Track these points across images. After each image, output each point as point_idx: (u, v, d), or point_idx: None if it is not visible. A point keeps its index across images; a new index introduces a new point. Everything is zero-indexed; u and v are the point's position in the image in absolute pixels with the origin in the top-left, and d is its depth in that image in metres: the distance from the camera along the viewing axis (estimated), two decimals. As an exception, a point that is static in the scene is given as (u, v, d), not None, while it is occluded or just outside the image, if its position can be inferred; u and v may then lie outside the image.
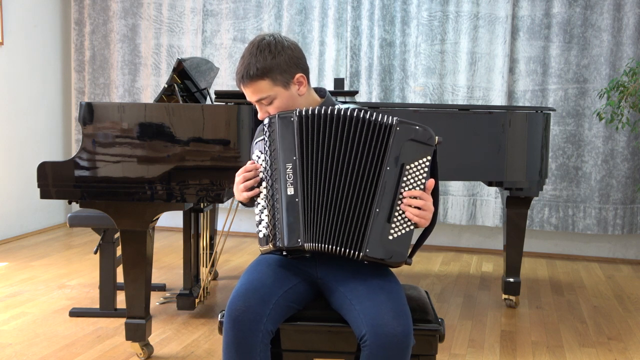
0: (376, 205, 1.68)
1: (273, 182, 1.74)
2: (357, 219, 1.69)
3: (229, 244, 4.88)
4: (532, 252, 4.79)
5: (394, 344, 1.58)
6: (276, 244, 1.72)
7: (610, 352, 2.90)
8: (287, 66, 1.81)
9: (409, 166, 1.69)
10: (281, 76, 1.80)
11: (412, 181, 1.69)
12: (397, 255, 1.68)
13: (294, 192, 1.71)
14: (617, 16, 4.42)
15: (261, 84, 1.79)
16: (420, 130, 1.70)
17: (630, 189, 4.49)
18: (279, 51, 1.80)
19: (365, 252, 1.67)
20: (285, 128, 1.75)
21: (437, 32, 4.70)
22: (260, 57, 1.78)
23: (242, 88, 1.84)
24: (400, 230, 1.68)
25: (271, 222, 1.73)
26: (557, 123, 4.55)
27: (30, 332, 2.99)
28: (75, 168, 2.54)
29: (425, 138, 1.70)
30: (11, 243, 4.80)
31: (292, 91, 1.83)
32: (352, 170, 1.71)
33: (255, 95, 1.82)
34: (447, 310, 3.44)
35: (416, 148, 1.69)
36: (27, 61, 5.05)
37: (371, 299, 1.66)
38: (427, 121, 2.99)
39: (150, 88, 5.29)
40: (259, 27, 5.04)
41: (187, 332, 3.02)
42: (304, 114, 1.75)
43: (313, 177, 1.72)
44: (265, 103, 1.83)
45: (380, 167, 1.70)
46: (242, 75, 1.81)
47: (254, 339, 1.63)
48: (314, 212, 1.71)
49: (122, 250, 2.61)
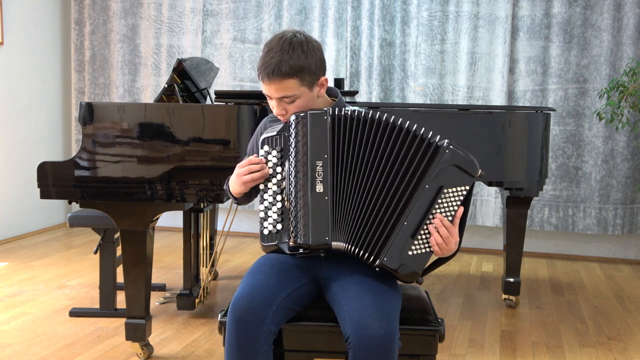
0: (404, 218, 1.68)
1: (300, 179, 1.70)
2: (384, 227, 1.69)
3: (229, 244, 4.88)
4: (532, 252, 4.78)
5: (375, 347, 1.57)
6: (297, 240, 1.68)
7: (610, 352, 2.90)
8: (316, 68, 1.77)
9: (446, 190, 1.69)
10: (309, 77, 1.76)
11: (445, 206, 1.69)
12: (411, 273, 1.69)
13: (323, 189, 1.69)
14: (617, 16, 4.42)
15: (289, 83, 1.73)
16: (468, 159, 1.70)
17: (630, 189, 4.49)
18: (310, 51, 1.75)
19: (383, 260, 1.67)
20: (316, 126, 1.71)
21: (437, 32, 4.70)
22: (294, 55, 1.72)
23: (265, 83, 1.76)
24: (421, 249, 1.69)
25: (290, 218, 1.70)
26: (557, 123, 4.55)
27: (30, 332, 2.99)
28: (75, 168, 2.54)
29: (469, 168, 1.70)
30: (11, 243, 4.80)
31: (314, 92, 1.80)
32: (388, 178, 1.69)
33: (280, 92, 1.75)
34: (447, 310, 3.44)
35: (458, 175, 1.69)
36: (27, 61, 5.04)
37: (357, 300, 1.65)
38: (427, 121, 2.99)
39: (150, 88, 5.29)
40: (259, 27, 5.03)
41: (187, 332, 3.02)
42: (337, 114, 1.72)
43: (345, 177, 1.71)
44: (288, 101, 1.77)
45: (419, 182, 1.69)
46: (271, 71, 1.72)
47: (257, 340, 1.63)
48: (342, 211, 1.70)
49: (122, 250, 2.61)
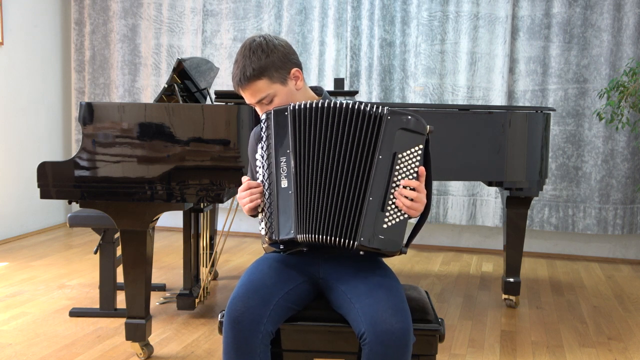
0: (369, 194, 1.68)
1: (268, 175, 1.75)
2: (351, 209, 1.69)
3: (229, 244, 4.88)
4: (532, 252, 4.78)
5: (393, 341, 1.58)
6: (272, 237, 1.73)
7: (610, 352, 2.90)
8: (281, 62, 1.82)
9: (400, 155, 1.69)
10: (277, 73, 1.81)
11: (404, 170, 1.69)
12: (391, 244, 1.68)
13: (287, 184, 1.73)
14: (617, 16, 4.42)
15: (259, 84, 1.80)
16: (411, 119, 1.71)
17: (630, 189, 4.49)
18: (271, 49, 1.81)
19: (360, 240, 1.67)
20: (279, 122, 1.76)
21: (437, 32, 4.70)
22: (255, 58, 1.79)
23: (240, 92, 1.85)
24: (395, 219, 1.68)
25: (267, 216, 1.75)
26: (557, 123, 4.55)
27: (30, 332, 2.99)
28: (75, 168, 2.54)
29: (416, 127, 1.71)
30: (11, 243, 4.80)
31: (290, 86, 1.84)
32: (344, 161, 1.71)
33: (255, 96, 1.82)
34: (447, 310, 3.44)
35: (408, 137, 1.70)
36: (27, 61, 5.05)
37: (370, 297, 1.66)
38: (427, 121, 2.98)
39: (150, 88, 5.29)
40: (259, 27, 5.03)
41: (187, 332, 3.02)
42: (297, 107, 1.75)
43: (306, 169, 1.73)
44: (266, 102, 1.83)
45: (372, 156, 1.70)
46: (239, 79, 1.81)
47: (254, 340, 1.63)
48: (307, 203, 1.71)
49: (122, 250, 2.61)
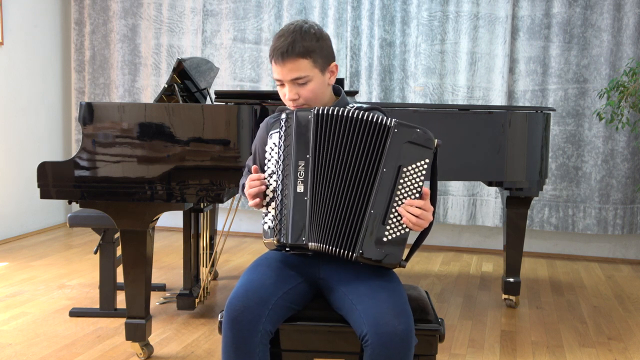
0: (371, 206, 1.68)
1: (284, 176, 1.73)
2: (352, 220, 1.69)
3: (229, 244, 4.88)
4: (532, 252, 4.78)
5: (395, 342, 1.58)
6: (280, 239, 1.71)
7: (610, 352, 2.90)
8: (327, 52, 1.83)
9: (406, 168, 1.68)
10: (322, 60, 1.81)
11: (409, 184, 1.68)
12: (390, 257, 1.67)
13: (303, 190, 1.71)
14: (617, 16, 4.42)
15: (303, 63, 1.77)
16: (419, 132, 1.68)
17: (630, 189, 4.49)
18: (323, 37, 1.82)
19: (359, 252, 1.67)
20: (301, 125, 1.74)
21: (437, 32, 4.70)
22: (307, 37, 1.78)
23: (277, 65, 1.79)
24: (395, 233, 1.68)
25: (277, 216, 1.73)
26: (557, 123, 4.55)
27: (30, 332, 2.99)
28: (75, 168, 2.54)
29: (424, 141, 1.68)
30: (11, 243, 4.80)
31: (325, 78, 1.84)
32: (351, 172, 1.70)
33: (293, 73, 1.78)
34: (447, 310, 3.44)
35: (414, 150, 1.67)
36: (27, 61, 5.04)
37: (372, 298, 1.66)
38: (427, 121, 2.99)
39: (150, 88, 5.29)
40: (259, 27, 5.03)
41: (187, 332, 3.02)
42: (321, 112, 1.73)
43: (322, 177, 1.72)
44: (301, 82, 1.80)
45: (377, 168, 1.69)
46: (285, 50, 1.76)
47: (253, 340, 1.63)
48: (319, 211, 1.70)
49: (122, 250, 2.61)
